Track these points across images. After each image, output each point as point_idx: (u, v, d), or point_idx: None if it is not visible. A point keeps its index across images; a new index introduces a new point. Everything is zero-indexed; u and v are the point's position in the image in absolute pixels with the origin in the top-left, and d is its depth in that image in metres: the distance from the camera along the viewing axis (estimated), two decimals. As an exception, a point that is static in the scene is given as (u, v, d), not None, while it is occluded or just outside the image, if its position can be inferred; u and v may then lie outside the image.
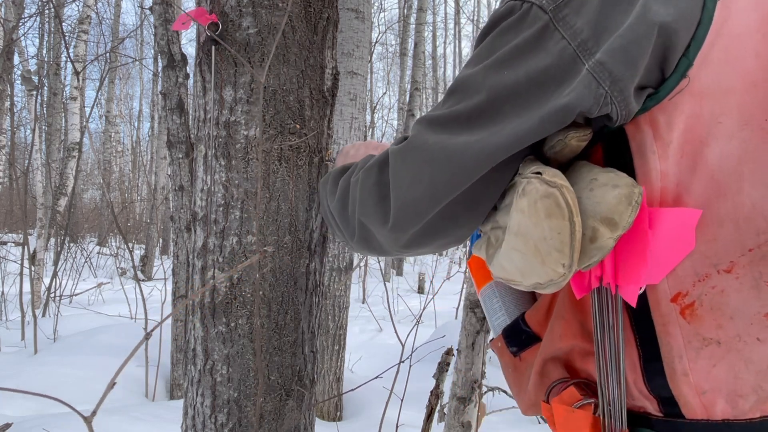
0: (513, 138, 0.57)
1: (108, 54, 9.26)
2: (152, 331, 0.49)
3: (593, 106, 0.54)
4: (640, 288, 0.57)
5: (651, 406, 0.61)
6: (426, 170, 0.61)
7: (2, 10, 6.61)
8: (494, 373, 3.68)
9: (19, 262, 4.91)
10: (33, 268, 5.41)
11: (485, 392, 1.92)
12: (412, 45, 9.97)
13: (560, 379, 0.66)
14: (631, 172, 0.58)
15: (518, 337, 0.73)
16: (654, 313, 0.58)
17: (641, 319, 0.59)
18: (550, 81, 0.56)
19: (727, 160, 0.55)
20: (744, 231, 0.56)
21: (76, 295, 6.40)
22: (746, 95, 0.55)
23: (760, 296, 0.56)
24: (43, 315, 5.09)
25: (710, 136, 0.55)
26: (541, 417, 0.78)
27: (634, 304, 0.56)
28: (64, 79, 10.53)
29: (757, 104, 0.55)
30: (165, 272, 5.92)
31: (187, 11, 0.99)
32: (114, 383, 0.47)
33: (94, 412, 0.47)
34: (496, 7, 0.63)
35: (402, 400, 1.83)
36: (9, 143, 7.66)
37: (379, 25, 16.19)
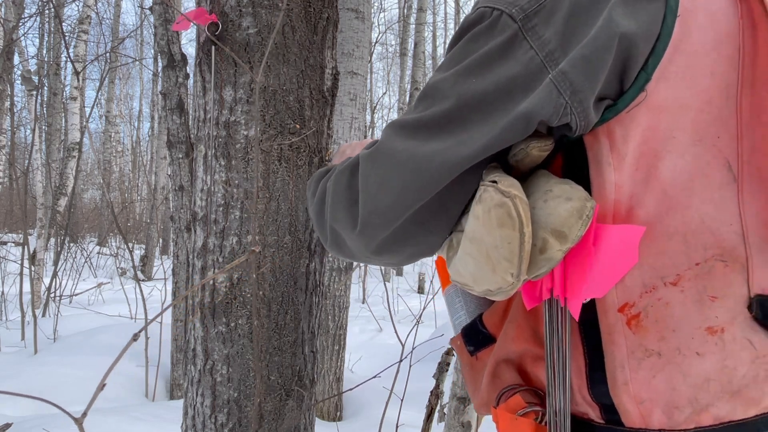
0: (478, 148, 0.57)
1: (108, 54, 9.26)
2: (140, 331, 0.49)
3: (553, 115, 0.54)
4: (584, 301, 0.58)
5: (593, 413, 0.62)
6: (394, 177, 0.61)
7: (2, 10, 6.62)
8: (494, 373, 3.66)
9: (19, 262, 4.91)
10: (33, 268, 5.41)
11: (485, 392, 1.92)
12: (412, 45, 9.97)
13: (510, 386, 0.68)
14: (587, 182, 0.59)
15: (476, 337, 0.75)
16: (601, 322, 0.60)
17: (589, 327, 0.61)
18: (517, 89, 0.56)
19: (679, 175, 0.56)
20: (692, 245, 0.57)
21: (76, 295, 6.40)
22: (701, 113, 0.56)
23: (703, 310, 0.57)
24: (43, 315, 5.09)
25: (664, 150, 0.56)
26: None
27: (576, 317, 0.57)
28: (64, 79, 10.53)
29: (710, 122, 0.56)
30: (165, 272, 5.93)
31: (187, 11, 0.99)
32: (104, 384, 0.47)
33: (84, 414, 0.46)
34: (468, 12, 0.64)
35: (402, 400, 1.83)
36: (9, 143, 7.66)
37: (379, 25, 16.19)
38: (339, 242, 0.73)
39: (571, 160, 0.61)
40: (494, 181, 0.57)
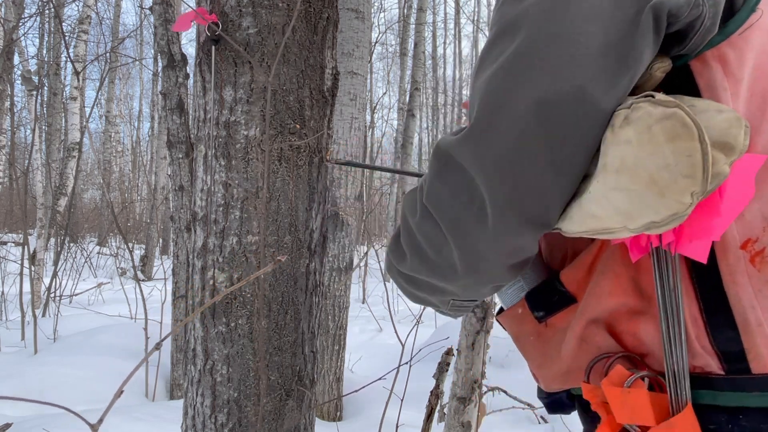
0: (636, 66, 0.51)
1: (108, 54, 9.27)
2: (163, 340, 0.49)
3: (683, 6, 0.50)
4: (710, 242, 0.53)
5: (713, 363, 0.58)
6: (525, 146, 0.51)
7: (2, 10, 6.62)
8: (494, 373, 3.67)
9: (19, 262, 4.91)
10: (33, 268, 5.42)
11: (485, 392, 1.92)
12: (412, 45, 9.97)
13: (600, 356, 0.62)
14: None
15: (549, 300, 0.68)
16: (721, 262, 0.55)
17: (704, 269, 0.56)
18: None
19: None
20: None
21: (76, 295, 6.40)
22: None
23: None
24: (43, 315, 5.10)
25: None
26: (559, 401, 0.74)
27: (705, 260, 0.52)
28: (64, 79, 10.53)
29: None
30: (165, 272, 5.93)
31: (187, 11, 0.99)
32: (122, 391, 0.46)
33: (100, 420, 0.46)
34: None
35: (402, 400, 1.83)
36: (9, 143, 7.67)
37: (379, 25, 16.20)
38: (471, 257, 0.60)
39: (673, 91, 0.55)
40: (648, 95, 0.51)
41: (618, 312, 0.62)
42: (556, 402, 0.74)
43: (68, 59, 6.87)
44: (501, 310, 0.77)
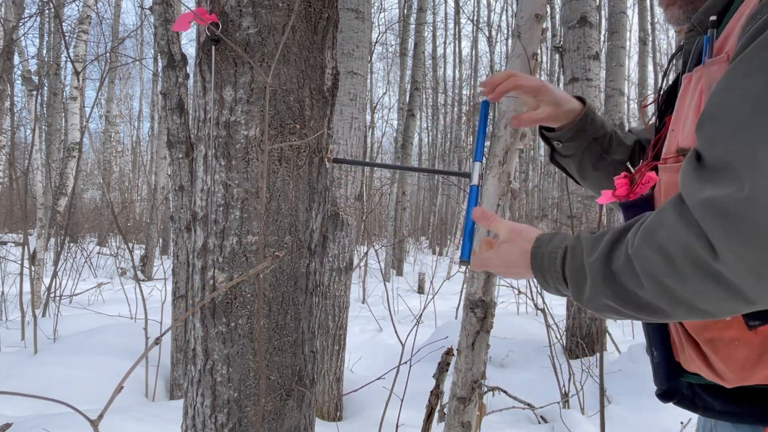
0: None
1: (108, 54, 9.27)
2: (162, 335, 0.49)
3: None
4: None
5: None
6: None
7: (2, 10, 6.62)
8: (494, 373, 3.67)
9: (19, 262, 4.91)
10: (33, 268, 5.42)
11: (485, 392, 1.92)
12: (412, 45, 9.98)
13: None
14: None
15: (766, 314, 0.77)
16: None
17: None
18: None
19: None
20: None
21: (76, 295, 6.40)
22: None
23: None
24: (43, 315, 5.10)
25: None
26: (676, 389, 0.84)
27: None
28: (64, 79, 10.54)
29: None
30: (165, 272, 5.93)
31: (186, 12, 0.99)
32: (122, 387, 0.47)
33: (100, 416, 0.46)
34: None
35: (402, 400, 1.83)
36: (9, 143, 7.67)
37: (379, 25, 16.21)
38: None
39: None
40: None
41: None
42: (674, 390, 0.85)
43: (68, 59, 6.87)
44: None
